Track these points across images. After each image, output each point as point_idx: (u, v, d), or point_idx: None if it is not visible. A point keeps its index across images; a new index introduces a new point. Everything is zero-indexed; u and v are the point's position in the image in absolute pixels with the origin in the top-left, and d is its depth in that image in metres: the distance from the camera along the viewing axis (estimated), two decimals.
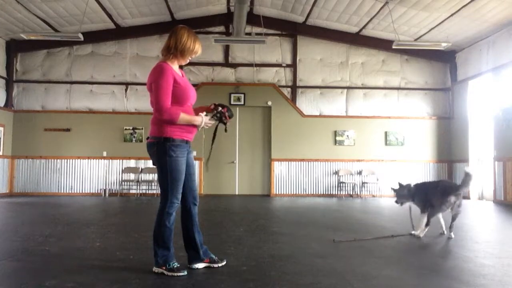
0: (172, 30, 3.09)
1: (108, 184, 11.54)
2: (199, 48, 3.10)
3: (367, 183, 11.72)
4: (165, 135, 2.96)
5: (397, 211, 8.12)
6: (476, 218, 7.12)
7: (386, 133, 11.96)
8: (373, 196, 11.67)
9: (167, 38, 3.11)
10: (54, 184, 11.48)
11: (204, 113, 2.97)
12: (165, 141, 2.96)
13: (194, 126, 3.05)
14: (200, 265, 3.16)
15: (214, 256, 3.23)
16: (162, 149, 2.97)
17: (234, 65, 12.01)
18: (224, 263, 3.22)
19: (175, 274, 2.92)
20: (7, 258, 3.56)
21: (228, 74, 11.98)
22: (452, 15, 9.60)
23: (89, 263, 3.35)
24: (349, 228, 5.58)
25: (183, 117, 2.94)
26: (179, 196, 3.05)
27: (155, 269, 3.01)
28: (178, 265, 3.00)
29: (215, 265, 3.18)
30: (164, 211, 3.01)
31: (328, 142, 11.88)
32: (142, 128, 11.62)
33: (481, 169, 11.00)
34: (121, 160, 11.61)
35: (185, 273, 2.96)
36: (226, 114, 3.01)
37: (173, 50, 3.04)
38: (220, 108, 2.97)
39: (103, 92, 11.79)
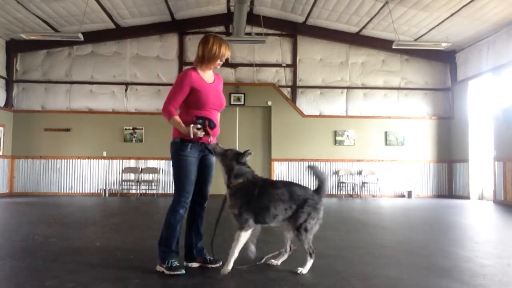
0: (200, 39, 3.22)
1: (108, 184, 11.54)
2: (226, 52, 3.17)
3: (367, 183, 11.72)
4: (179, 135, 3.10)
5: (397, 212, 8.12)
6: (476, 218, 7.12)
7: (386, 133, 11.96)
8: (373, 196, 11.67)
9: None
10: (54, 184, 11.48)
11: (191, 125, 3.02)
12: (178, 141, 3.10)
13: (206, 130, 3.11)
14: (194, 264, 3.21)
15: (208, 257, 3.23)
16: (174, 149, 3.11)
17: (234, 65, 12.01)
18: (219, 264, 3.22)
19: (173, 272, 2.94)
20: (7, 258, 3.55)
21: (228, 74, 11.97)
22: (452, 15, 9.60)
23: (89, 263, 3.35)
24: (349, 228, 5.57)
25: (174, 120, 3.08)
26: (188, 196, 3.09)
27: (158, 268, 3.04)
28: (178, 264, 3.01)
29: (210, 266, 3.20)
30: (172, 207, 3.08)
31: (328, 142, 11.88)
32: (142, 128, 11.62)
33: (481, 169, 11.01)
34: (121, 160, 11.61)
35: (183, 272, 2.96)
36: (207, 124, 3.06)
37: (200, 59, 3.17)
38: (201, 120, 3.05)
39: (103, 92, 11.79)
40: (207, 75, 3.21)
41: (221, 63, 3.23)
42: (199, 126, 3.01)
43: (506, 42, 9.79)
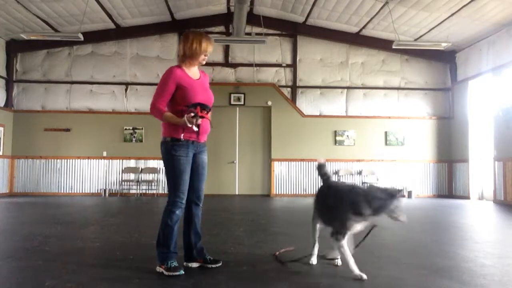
0: (181, 37, 3.24)
1: (108, 184, 11.54)
2: (207, 47, 3.16)
3: (367, 183, 11.71)
4: (169, 135, 3.08)
5: None
6: (476, 218, 7.12)
7: (386, 133, 11.96)
8: None
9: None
10: (54, 184, 11.48)
11: (186, 115, 3.02)
12: (169, 140, 3.08)
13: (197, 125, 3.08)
14: (194, 264, 3.20)
15: (208, 258, 3.23)
16: (166, 148, 3.09)
17: (234, 65, 12.01)
18: (219, 264, 3.22)
19: (172, 273, 2.93)
20: (7, 258, 3.55)
21: (228, 74, 11.98)
22: (452, 15, 9.60)
23: (89, 263, 3.35)
24: None
25: (167, 116, 3.06)
26: (183, 196, 3.07)
27: (157, 269, 3.03)
28: (177, 264, 3.00)
29: (209, 266, 3.19)
30: (167, 209, 3.06)
31: (328, 142, 11.88)
32: (142, 128, 11.62)
33: (481, 169, 11.01)
34: (121, 160, 11.61)
35: (182, 272, 2.96)
36: (199, 110, 3.04)
37: (182, 57, 3.18)
38: (192, 107, 3.04)
39: (103, 92, 11.79)
40: (192, 72, 3.19)
41: (205, 58, 3.21)
42: (193, 113, 3.00)
43: (506, 42, 9.79)
